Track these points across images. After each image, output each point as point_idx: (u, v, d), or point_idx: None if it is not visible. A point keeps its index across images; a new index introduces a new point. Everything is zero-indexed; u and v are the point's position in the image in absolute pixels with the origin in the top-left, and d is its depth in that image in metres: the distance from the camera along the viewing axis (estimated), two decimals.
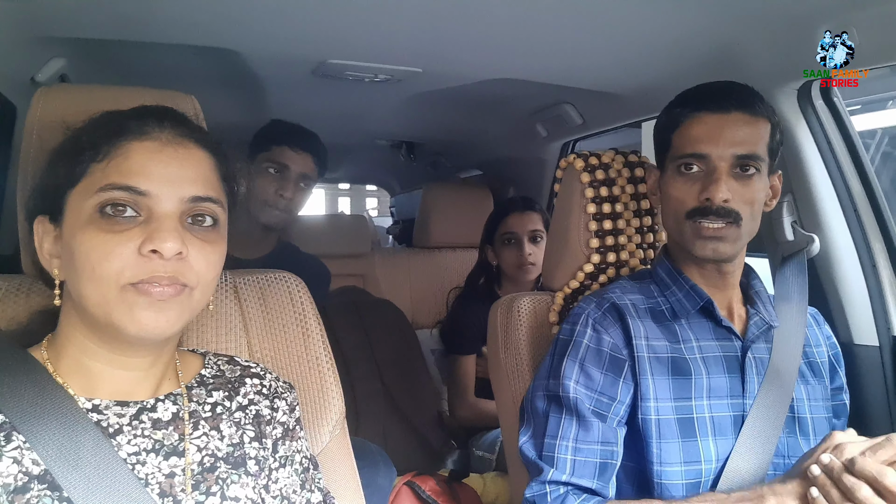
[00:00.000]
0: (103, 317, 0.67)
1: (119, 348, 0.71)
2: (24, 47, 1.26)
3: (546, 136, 2.18)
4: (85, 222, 0.66)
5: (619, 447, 1.00)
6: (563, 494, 0.96)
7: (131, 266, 0.65)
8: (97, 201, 0.66)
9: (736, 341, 1.06)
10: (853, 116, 1.31)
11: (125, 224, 0.66)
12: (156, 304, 0.66)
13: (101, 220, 0.66)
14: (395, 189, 4.26)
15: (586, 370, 1.02)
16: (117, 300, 0.66)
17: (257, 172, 1.74)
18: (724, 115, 1.00)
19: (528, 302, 1.24)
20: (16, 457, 0.64)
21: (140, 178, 0.67)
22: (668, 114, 1.07)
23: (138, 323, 0.66)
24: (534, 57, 1.43)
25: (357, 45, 1.41)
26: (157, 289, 0.66)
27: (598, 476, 0.98)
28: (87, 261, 0.65)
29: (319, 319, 1.02)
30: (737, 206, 0.99)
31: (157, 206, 0.68)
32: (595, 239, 1.22)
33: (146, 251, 0.65)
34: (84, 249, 0.66)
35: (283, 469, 0.79)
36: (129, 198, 0.67)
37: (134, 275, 0.65)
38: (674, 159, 1.04)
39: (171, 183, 0.68)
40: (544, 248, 2.01)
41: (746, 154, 0.99)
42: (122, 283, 0.65)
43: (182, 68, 1.58)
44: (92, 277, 0.65)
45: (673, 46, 1.31)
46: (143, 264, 0.66)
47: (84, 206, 0.67)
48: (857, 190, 1.28)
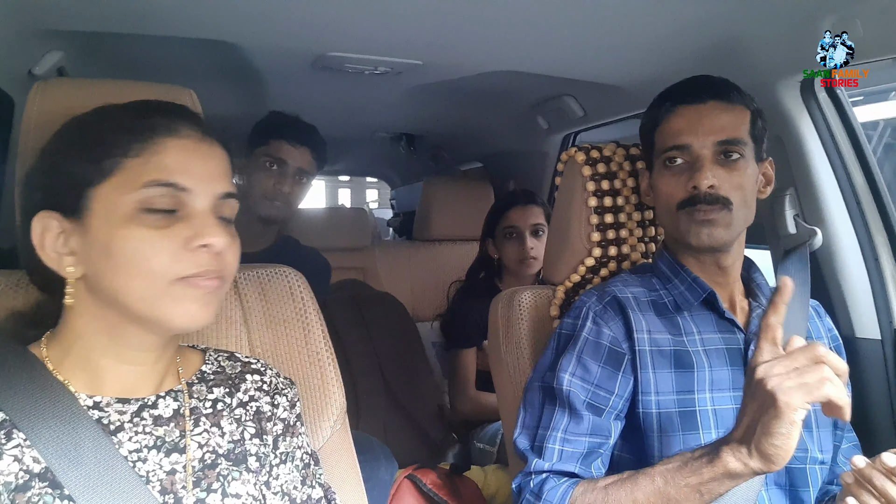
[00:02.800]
0: (147, 311, 0.68)
1: (134, 343, 0.71)
2: (22, 40, 1.25)
3: (547, 128, 2.17)
4: (126, 218, 0.66)
5: (612, 439, 1.00)
6: (544, 478, 0.96)
7: (180, 261, 0.67)
8: (139, 197, 0.67)
9: (739, 334, 1.06)
10: (855, 108, 1.30)
11: (167, 220, 0.68)
12: (202, 298, 0.69)
13: (145, 216, 0.67)
14: (395, 182, 4.25)
15: (583, 363, 1.02)
16: (165, 294, 0.67)
17: (256, 166, 1.74)
18: (701, 106, 1.03)
19: (530, 296, 1.24)
20: (16, 455, 0.64)
21: (180, 174, 0.68)
22: (649, 114, 1.11)
23: (186, 315, 0.68)
24: (535, 48, 1.42)
25: (356, 38, 1.40)
26: (204, 282, 0.68)
27: (580, 462, 0.98)
28: (136, 256, 0.66)
29: (320, 314, 1.01)
30: (725, 192, 1.00)
31: (193, 202, 0.69)
32: (596, 232, 1.21)
33: (194, 246, 0.67)
34: (131, 245, 0.66)
35: (283, 465, 0.79)
36: (172, 194, 0.68)
37: (184, 269, 0.67)
38: (659, 155, 1.07)
39: (205, 180, 0.70)
40: (545, 242, 2.02)
41: (727, 139, 1.01)
42: (172, 277, 0.67)
43: (180, 61, 1.57)
44: (140, 273, 0.66)
45: (675, 38, 1.30)
46: (191, 258, 0.68)
47: (122, 202, 0.67)
48: (860, 183, 1.28)
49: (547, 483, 0.95)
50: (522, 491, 0.98)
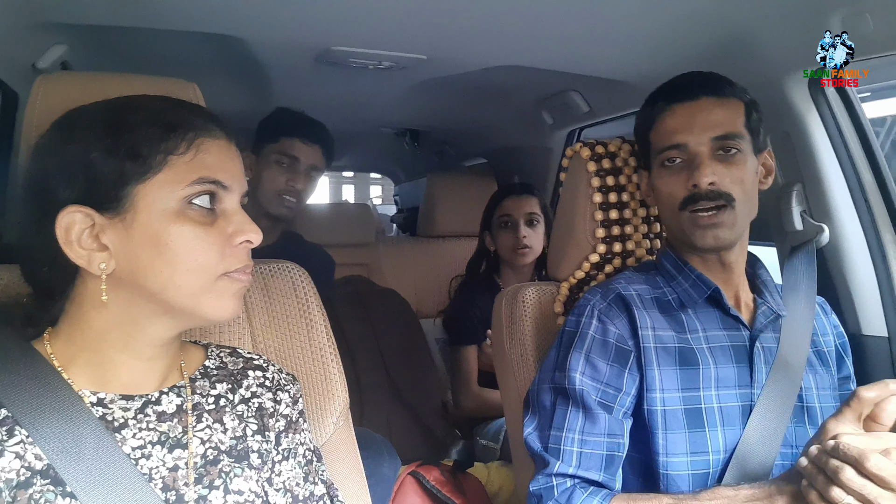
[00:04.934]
0: (190, 304, 0.70)
1: (150, 338, 0.72)
2: (26, 34, 1.25)
3: (552, 123, 2.16)
4: (175, 214, 0.68)
5: (626, 439, 1.00)
6: (571, 488, 0.95)
7: (227, 256, 0.70)
8: (187, 193, 0.68)
9: (744, 331, 1.05)
10: (863, 104, 1.29)
11: (211, 216, 0.70)
12: (239, 291, 0.73)
13: (194, 213, 0.69)
14: (399, 177, 4.24)
15: (592, 361, 1.01)
16: (210, 288, 0.70)
17: (266, 164, 1.73)
18: (694, 103, 1.02)
19: (534, 292, 1.23)
20: (18, 451, 0.64)
21: (221, 173, 0.71)
22: (642, 115, 1.10)
23: (225, 309, 0.71)
24: (540, 43, 1.41)
25: (361, 32, 1.39)
26: (244, 277, 0.72)
27: (604, 468, 0.97)
28: (187, 251, 0.68)
29: (323, 309, 1.01)
30: (726, 187, 0.99)
31: (228, 199, 0.72)
32: (601, 229, 1.20)
33: (238, 242, 0.71)
34: (183, 240, 0.68)
35: (286, 462, 0.79)
36: (216, 191, 0.71)
37: (231, 264, 0.70)
38: (656, 156, 1.06)
39: (237, 179, 0.73)
40: (541, 233, 2.02)
41: (723, 134, 1.00)
42: (219, 272, 0.70)
43: (184, 55, 1.57)
44: (189, 268, 0.68)
45: (681, 33, 1.29)
46: (235, 254, 0.71)
47: (171, 198, 0.68)
48: (868, 179, 1.26)
49: (575, 494, 0.94)
50: (543, 498, 0.97)
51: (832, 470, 0.75)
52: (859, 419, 0.82)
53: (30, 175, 0.72)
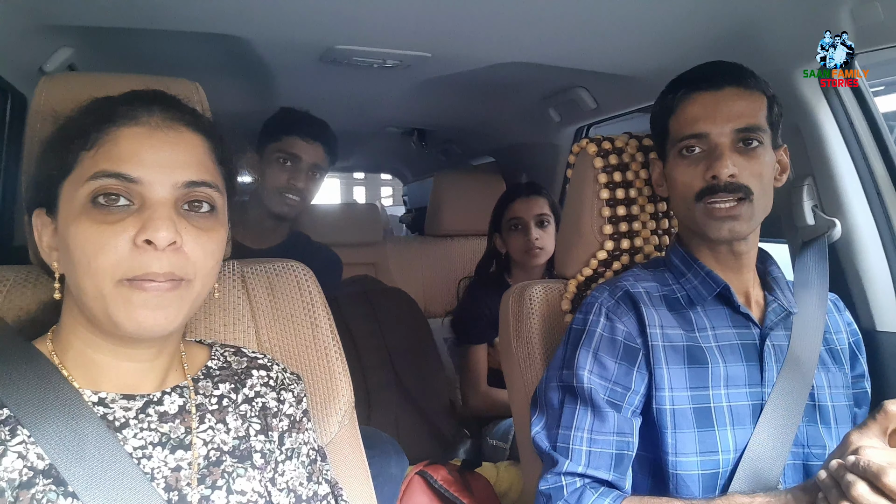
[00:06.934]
0: (101, 311, 0.65)
1: (122, 341, 0.69)
2: (33, 37, 1.26)
3: (559, 121, 2.15)
4: (77, 213, 0.64)
5: (635, 438, 0.99)
6: (581, 488, 0.94)
7: (126, 259, 0.63)
8: (88, 190, 0.64)
9: (754, 328, 1.04)
10: (875, 98, 1.27)
11: (118, 214, 0.64)
12: (153, 301, 0.64)
13: (93, 211, 0.64)
14: (406, 177, 4.24)
15: (600, 360, 1.00)
16: (113, 295, 0.63)
17: (268, 162, 1.74)
18: (717, 92, 1.00)
19: (541, 290, 1.22)
20: (21, 451, 0.63)
21: (130, 164, 0.64)
22: (662, 101, 1.08)
23: (135, 321, 0.64)
24: (546, 39, 1.40)
25: (364, 30, 1.38)
26: (152, 285, 0.64)
27: (613, 468, 0.96)
28: (83, 254, 0.63)
29: (328, 308, 1.01)
30: (745, 180, 0.98)
31: (150, 193, 0.65)
32: (608, 225, 1.19)
33: (140, 241, 0.63)
34: (79, 242, 0.63)
35: (289, 461, 0.79)
36: (121, 186, 0.64)
37: (129, 269, 0.63)
38: (674, 144, 1.04)
39: (164, 168, 0.66)
40: (552, 233, 2.00)
41: (746, 126, 0.98)
42: (118, 277, 0.63)
43: (189, 56, 1.57)
44: (87, 271, 0.63)
45: (689, 26, 1.27)
46: (138, 257, 0.63)
47: (76, 197, 0.65)
48: (881, 173, 1.24)
49: (585, 494, 0.93)
50: (552, 498, 0.95)
51: (846, 484, 0.74)
52: (885, 433, 0.79)
53: (24, 178, 0.75)
